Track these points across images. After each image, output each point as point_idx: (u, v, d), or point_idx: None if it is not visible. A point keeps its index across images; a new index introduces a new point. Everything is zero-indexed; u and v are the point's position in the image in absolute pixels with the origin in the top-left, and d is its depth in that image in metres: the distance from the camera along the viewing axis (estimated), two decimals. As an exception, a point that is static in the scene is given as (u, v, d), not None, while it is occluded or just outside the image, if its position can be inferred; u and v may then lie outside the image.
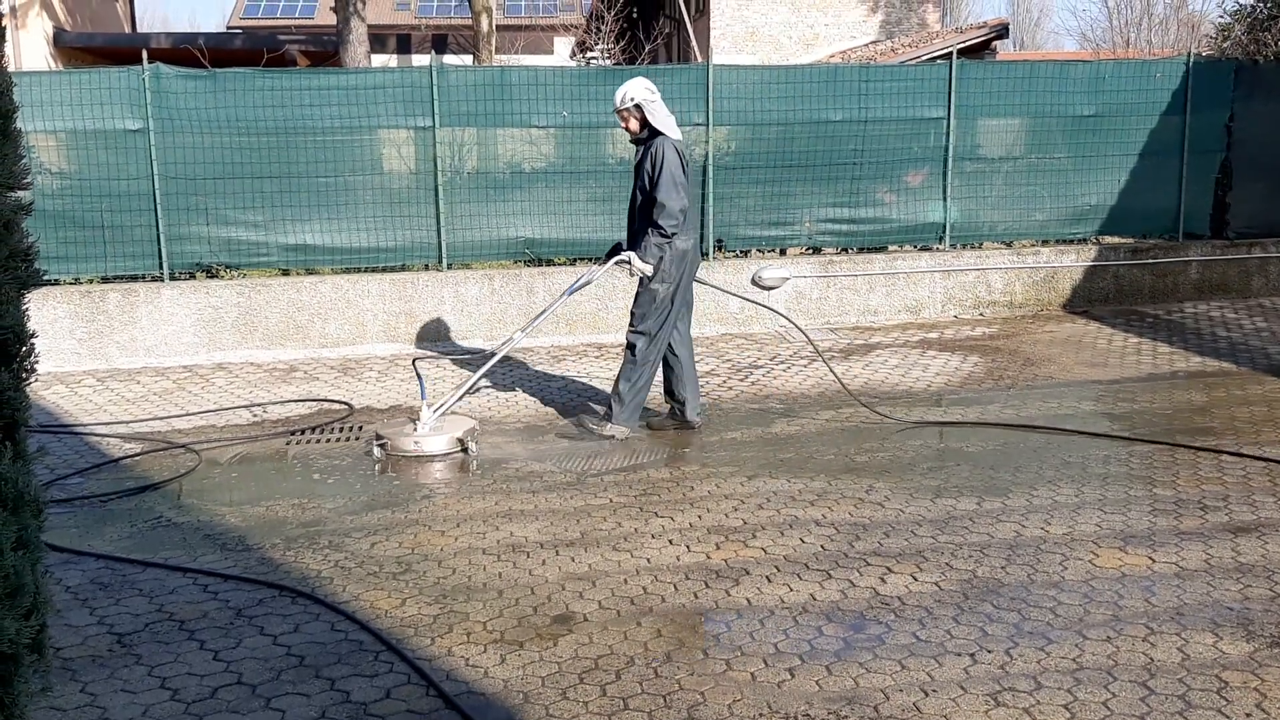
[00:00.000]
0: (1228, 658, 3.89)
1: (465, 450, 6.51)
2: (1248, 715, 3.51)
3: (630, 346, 6.73)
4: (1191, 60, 10.80)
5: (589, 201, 9.72)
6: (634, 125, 6.66)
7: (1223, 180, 10.99)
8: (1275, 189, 11.11)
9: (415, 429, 6.58)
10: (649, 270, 6.60)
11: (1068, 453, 6.31)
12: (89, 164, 8.87)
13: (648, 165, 6.57)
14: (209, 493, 5.92)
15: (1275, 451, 6.28)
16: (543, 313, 7.24)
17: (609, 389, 8.02)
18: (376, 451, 6.52)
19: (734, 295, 8.21)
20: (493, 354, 7.13)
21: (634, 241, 6.77)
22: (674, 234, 6.53)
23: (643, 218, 6.65)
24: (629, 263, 6.65)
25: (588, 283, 7.17)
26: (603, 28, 23.66)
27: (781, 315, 7.87)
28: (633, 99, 6.56)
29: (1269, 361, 8.59)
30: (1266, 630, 4.09)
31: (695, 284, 6.93)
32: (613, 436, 6.71)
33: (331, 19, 17.80)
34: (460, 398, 6.88)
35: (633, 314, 6.76)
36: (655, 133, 6.60)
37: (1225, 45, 16.34)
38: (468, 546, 5.07)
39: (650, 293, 6.65)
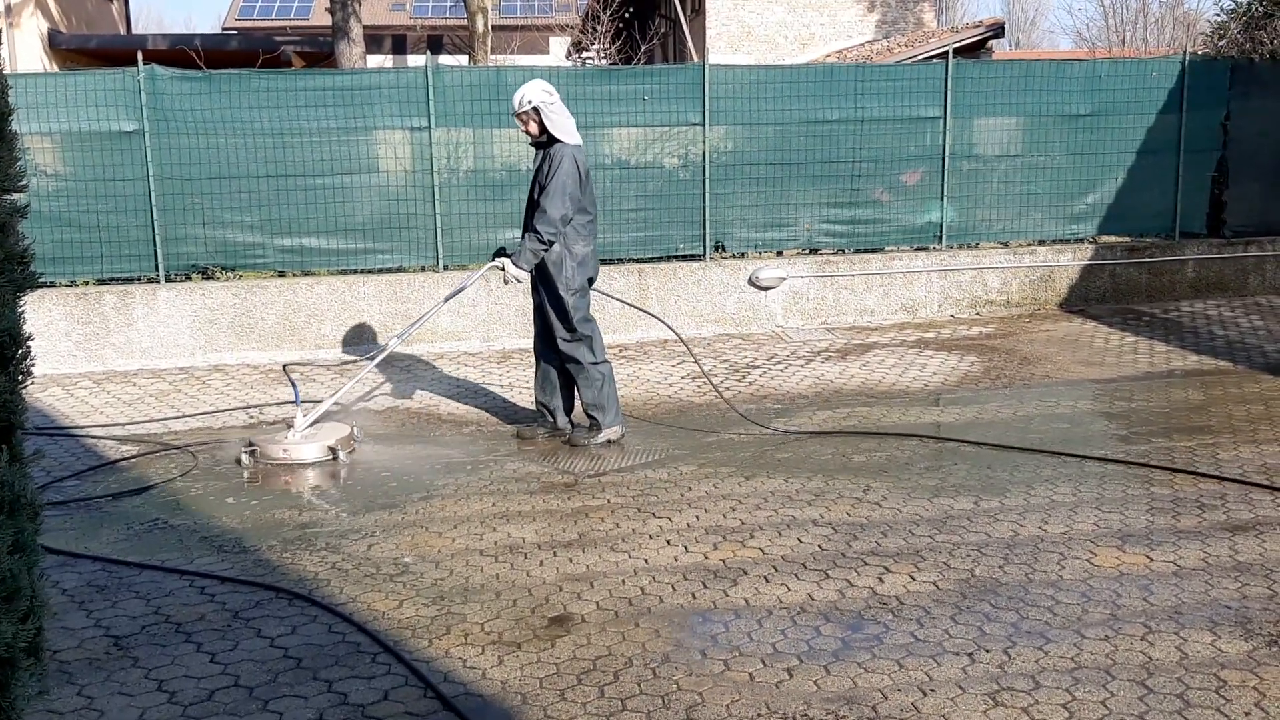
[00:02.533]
0: (1226, 656, 3.89)
1: (335, 458, 6.44)
2: (1246, 714, 3.51)
3: (575, 361, 6.63)
4: (1187, 59, 10.80)
5: (585, 202, 9.71)
6: (533, 129, 6.50)
7: (1219, 179, 11.00)
8: (1271, 187, 11.12)
9: (287, 436, 6.53)
10: (524, 277, 6.45)
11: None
12: (84, 166, 8.85)
13: (545, 169, 6.45)
14: (206, 495, 5.91)
15: (1274, 451, 6.28)
16: (419, 319, 7.17)
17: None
18: (245, 459, 6.44)
19: (618, 300, 8.13)
20: (372, 357, 7.09)
21: None
22: (551, 242, 6.37)
23: (529, 224, 6.52)
24: (503, 269, 6.48)
25: (463, 289, 7.06)
26: (598, 28, 23.64)
27: (662, 321, 7.83)
28: (530, 102, 6.40)
29: (1266, 360, 8.60)
30: (1265, 629, 4.09)
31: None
32: (608, 440, 6.70)
33: (327, 20, 17.80)
34: (328, 405, 6.75)
35: (557, 331, 6.62)
36: (555, 138, 6.46)
37: (1221, 44, 16.33)
38: (465, 548, 5.06)
39: (562, 303, 6.54)
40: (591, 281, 6.68)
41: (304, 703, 3.71)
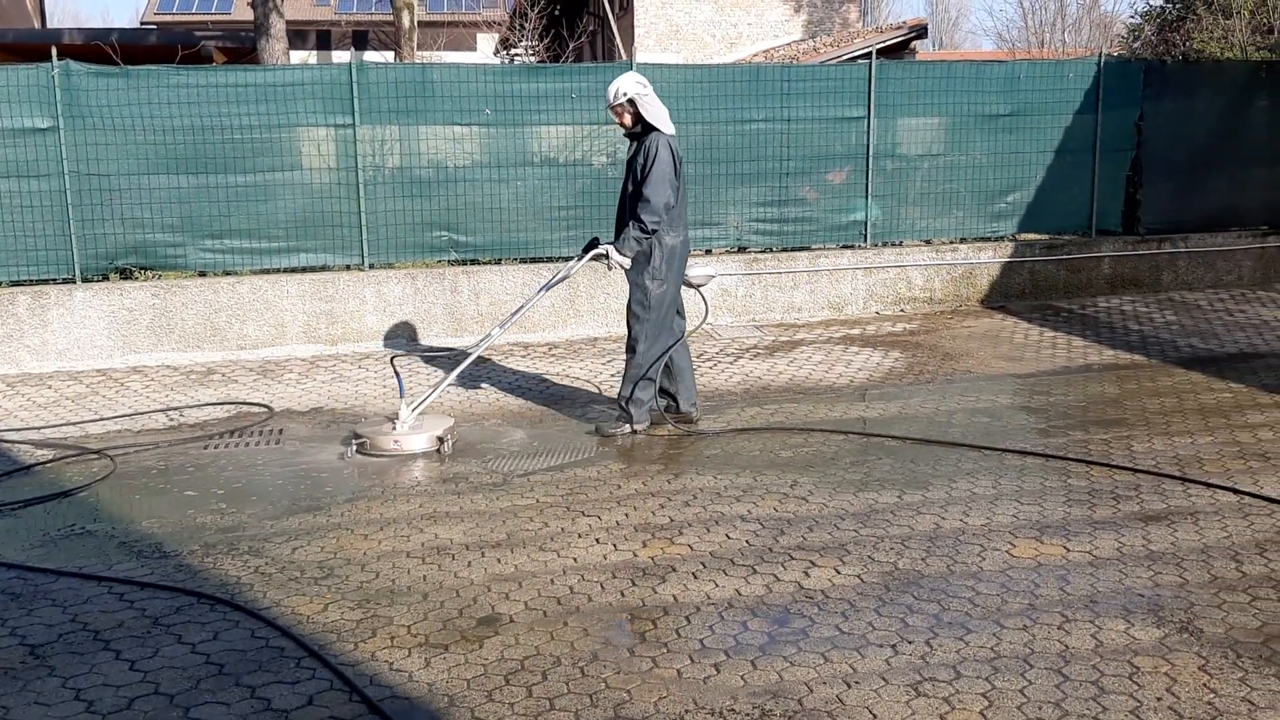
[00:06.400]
0: (1139, 644, 4.00)
1: (442, 448, 6.49)
2: (1158, 699, 3.61)
3: (631, 349, 6.73)
4: (1103, 60, 11.06)
5: (514, 199, 9.68)
6: (628, 120, 6.66)
7: (1133, 178, 11.27)
8: (1183, 186, 11.42)
9: (394, 428, 6.53)
10: (626, 264, 6.60)
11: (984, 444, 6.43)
12: (-4, 163, 8.61)
13: (640, 159, 6.57)
14: (125, 499, 5.79)
15: (1185, 442, 6.47)
16: (520, 309, 7.20)
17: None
18: (354, 451, 6.46)
19: (704, 298, 8.09)
20: (467, 353, 7.09)
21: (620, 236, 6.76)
22: (655, 229, 6.52)
23: (630, 212, 6.64)
24: (606, 256, 6.63)
25: (565, 277, 7.14)
26: (526, 25, 23.58)
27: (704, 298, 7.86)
28: (626, 94, 6.57)
29: (1178, 354, 8.84)
30: (1176, 616, 4.21)
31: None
32: (635, 431, 6.76)
33: (249, 14, 17.49)
34: (435, 395, 6.82)
35: (631, 315, 6.73)
36: (650, 128, 6.61)
37: (1136, 45, 16.75)
38: (391, 550, 5.02)
39: (644, 291, 6.65)
40: (677, 275, 6.77)
41: (226, 709, 3.65)
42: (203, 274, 9.29)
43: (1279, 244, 11.73)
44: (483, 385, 8.11)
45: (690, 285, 7.10)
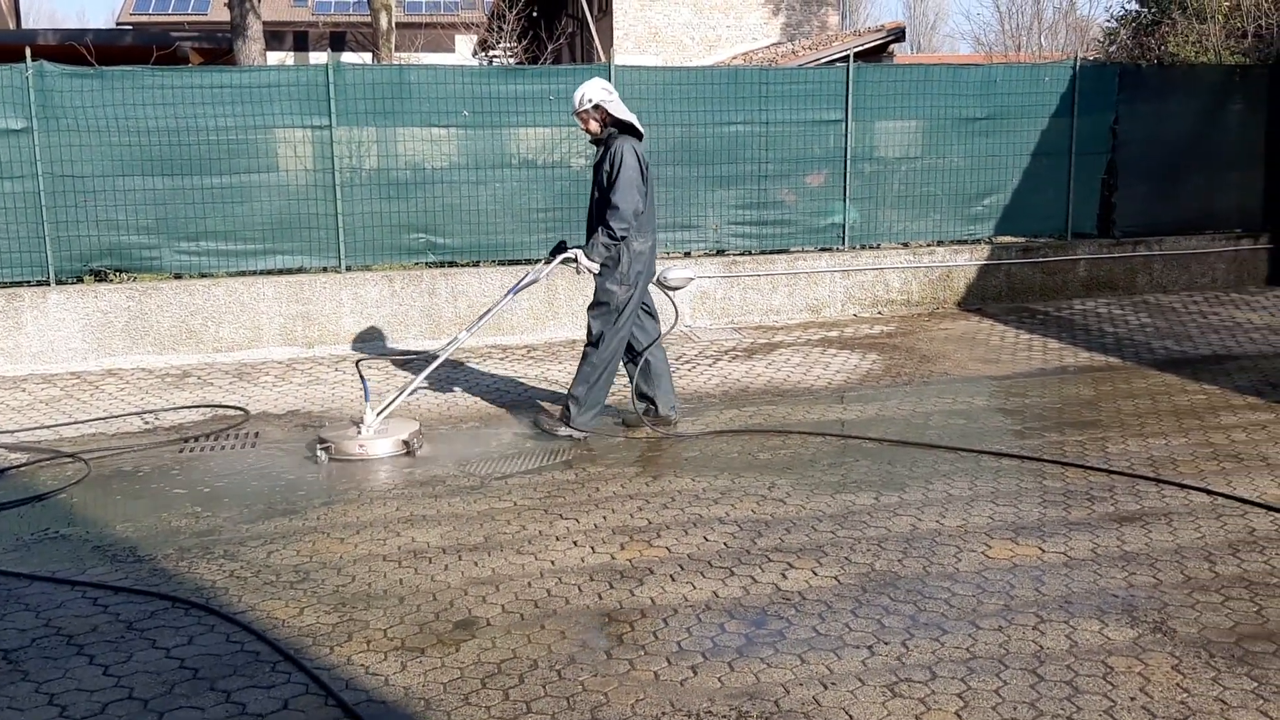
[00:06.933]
0: (1113, 644, 4.02)
1: (409, 452, 6.45)
2: (1132, 699, 3.63)
3: (593, 345, 6.73)
4: (1078, 64, 11.13)
5: (492, 201, 9.66)
6: (594, 126, 6.66)
7: (1108, 181, 11.34)
8: (1158, 189, 11.50)
9: (359, 432, 6.49)
10: (595, 269, 6.60)
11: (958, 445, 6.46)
12: (-32, 164, 8.54)
13: (606, 166, 6.57)
14: (99, 503, 5.75)
15: (1159, 444, 6.52)
16: (487, 312, 7.18)
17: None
18: (320, 455, 6.42)
19: (673, 302, 8.10)
20: (435, 356, 7.07)
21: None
22: (624, 236, 6.52)
23: (598, 218, 6.63)
24: (575, 260, 6.63)
25: (533, 281, 7.11)
26: (505, 26, 23.56)
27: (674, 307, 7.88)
28: (591, 100, 6.56)
29: (1153, 356, 8.91)
30: (1150, 616, 4.24)
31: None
32: (570, 437, 6.72)
33: (225, 15, 17.40)
34: (402, 399, 6.80)
35: (595, 319, 6.73)
36: (615, 134, 6.61)
37: (1111, 49, 16.89)
38: (367, 553, 5.00)
39: (608, 294, 6.64)
40: (643, 280, 6.76)
41: (201, 714, 3.63)
42: (178, 276, 9.24)
43: (1252, 246, 11.84)
44: (460, 387, 8.09)
45: (669, 288, 7.10)
